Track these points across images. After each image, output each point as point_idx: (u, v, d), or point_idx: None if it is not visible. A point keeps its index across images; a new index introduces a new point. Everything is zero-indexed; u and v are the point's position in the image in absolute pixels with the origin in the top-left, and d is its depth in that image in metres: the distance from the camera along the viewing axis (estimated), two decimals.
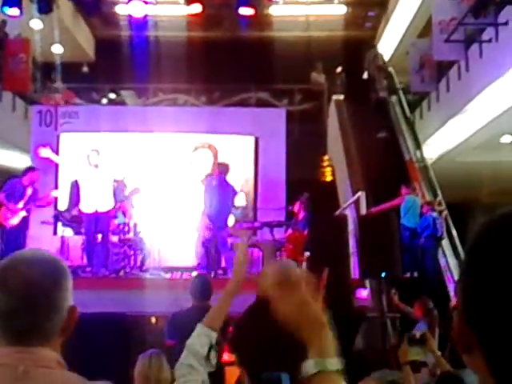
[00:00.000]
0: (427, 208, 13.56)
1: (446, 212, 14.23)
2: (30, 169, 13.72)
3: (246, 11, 12.78)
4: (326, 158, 19.94)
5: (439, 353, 5.81)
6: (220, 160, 15.17)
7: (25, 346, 2.05)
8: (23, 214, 13.13)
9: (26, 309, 2.05)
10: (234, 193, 12.94)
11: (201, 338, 2.92)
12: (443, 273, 13.44)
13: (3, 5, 12.75)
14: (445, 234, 13.74)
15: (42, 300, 2.07)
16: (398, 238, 10.60)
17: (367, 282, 11.42)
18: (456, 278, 12.47)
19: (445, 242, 13.86)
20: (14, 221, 13.06)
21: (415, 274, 13.04)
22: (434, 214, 13.49)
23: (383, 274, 10.29)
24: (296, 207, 13.78)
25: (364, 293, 11.33)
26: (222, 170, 12.97)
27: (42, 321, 2.08)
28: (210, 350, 2.90)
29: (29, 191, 13.22)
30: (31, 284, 2.06)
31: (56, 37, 20.40)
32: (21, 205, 13.01)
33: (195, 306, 7.48)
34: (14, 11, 12.83)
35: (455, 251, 13.80)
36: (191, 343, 2.91)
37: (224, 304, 3.07)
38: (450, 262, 13.59)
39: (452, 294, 12.07)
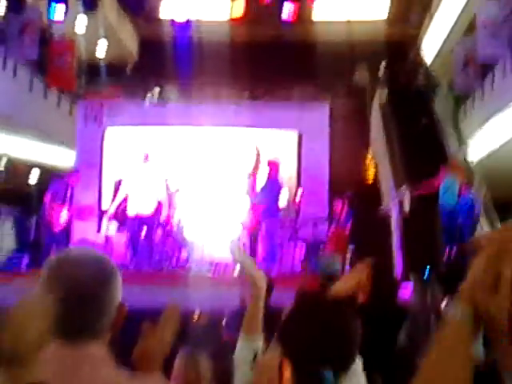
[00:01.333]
0: (466, 188, 13.55)
1: (484, 191, 14.48)
2: (73, 171, 13.99)
3: (289, 7, 12.75)
4: (369, 156, 19.87)
5: None
6: (263, 155, 15.14)
7: (75, 344, 2.08)
8: (65, 215, 13.39)
9: (77, 309, 2.09)
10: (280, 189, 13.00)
11: (243, 351, 3.00)
12: None
13: (50, 1, 12.87)
14: (483, 213, 13.97)
15: (92, 300, 2.11)
16: (441, 236, 10.55)
17: (411, 278, 11.35)
18: None
19: (482, 220, 14.02)
20: (60, 221, 13.30)
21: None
22: (472, 195, 13.60)
23: (427, 271, 10.28)
24: (338, 206, 13.71)
25: (408, 288, 11.27)
26: (273, 168, 13.05)
27: (92, 320, 2.12)
28: (255, 357, 2.95)
29: (69, 194, 13.51)
30: (81, 285, 2.09)
31: (101, 36, 20.61)
32: (66, 207, 13.28)
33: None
34: (60, 7, 12.95)
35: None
36: (236, 357, 3.01)
37: (255, 309, 3.12)
38: None
39: None
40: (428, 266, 10.16)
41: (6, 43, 16.21)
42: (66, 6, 12.70)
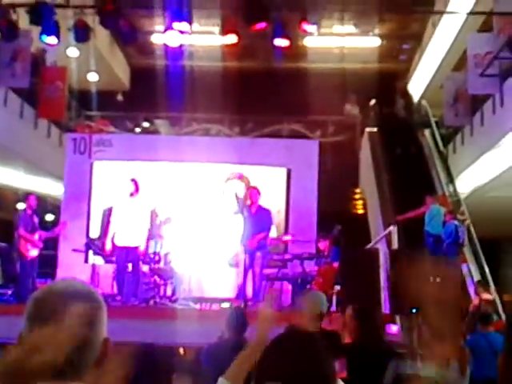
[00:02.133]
0: (450, 216, 14.48)
1: (468, 221, 15.37)
2: (26, 196, 13.96)
3: (281, 42, 12.77)
4: (358, 190, 19.94)
5: None
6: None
7: (57, 381, 1.98)
8: (40, 245, 13.35)
9: None
10: (270, 218, 12.90)
11: None
12: (465, 277, 14.37)
13: (42, 33, 12.88)
14: (466, 241, 14.80)
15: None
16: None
17: (397, 318, 11.31)
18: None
19: (466, 249, 14.93)
20: (34, 252, 13.26)
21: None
22: (457, 222, 14.47)
23: (414, 311, 10.23)
24: (326, 242, 13.69)
25: (394, 328, 11.22)
26: (255, 196, 12.92)
27: (76, 357, 2.03)
28: None
29: (35, 219, 13.44)
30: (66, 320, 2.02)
31: (92, 65, 20.68)
32: (37, 236, 13.22)
33: (231, 338, 7.45)
34: (52, 40, 12.96)
35: (476, 257, 15.02)
36: None
37: (246, 360, 3.07)
38: (471, 267, 14.71)
39: (473, 295, 13.11)
40: (415, 306, 10.10)
41: None
42: (58, 38, 12.68)
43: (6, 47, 15.37)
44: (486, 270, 14.94)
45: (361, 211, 19.80)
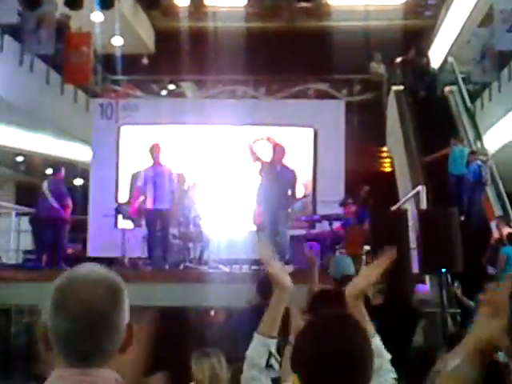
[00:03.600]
0: (473, 157, 15.04)
1: (490, 161, 15.61)
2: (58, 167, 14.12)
3: (305, 3, 12.69)
4: (384, 148, 19.85)
5: None
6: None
7: (85, 368, 2.07)
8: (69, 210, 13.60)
9: (87, 332, 2.06)
10: (294, 177, 12.76)
11: (258, 349, 2.97)
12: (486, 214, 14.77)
13: (65, 1, 12.89)
14: (489, 181, 15.14)
15: (102, 322, 2.08)
16: (460, 233, 10.49)
17: (427, 277, 11.33)
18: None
19: (489, 188, 15.25)
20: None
21: (462, 218, 13.36)
22: (479, 162, 14.89)
23: (444, 270, 10.23)
24: (355, 203, 13.67)
25: (424, 287, 11.26)
26: (280, 153, 12.82)
27: (102, 343, 2.09)
28: (269, 358, 2.94)
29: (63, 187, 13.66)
30: (91, 307, 2.07)
31: (116, 29, 20.61)
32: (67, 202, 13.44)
33: (261, 304, 7.52)
34: (75, 6, 12.97)
35: (499, 196, 15.31)
36: (249, 356, 2.98)
37: (276, 312, 3.11)
38: (493, 205, 15.04)
39: (494, 229, 13.50)
40: (445, 265, 10.11)
41: (22, 38, 16.24)
42: (81, 5, 12.68)
43: (30, 15, 15.37)
44: (509, 207, 15.02)
45: (388, 169, 19.73)
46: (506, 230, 13.04)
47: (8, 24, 15.28)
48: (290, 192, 12.57)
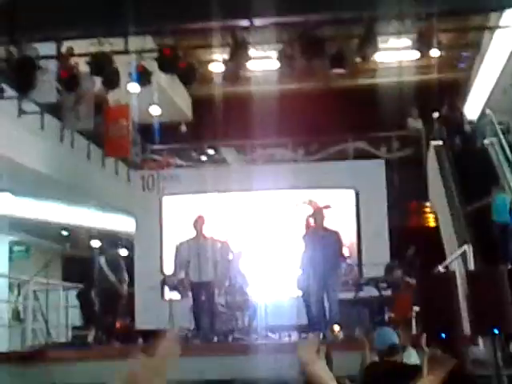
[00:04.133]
0: None
1: None
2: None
3: (338, 70, 12.77)
4: (427, 204, 19.73)
5: None
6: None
7: None
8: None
9: None
10: (339, 238, 12.69)
11: None
12: None
13: (103, 83, 13.13)
14: None
15: None
16: (510, 293, 10.34)
17: (480, 339, 11.13)
18: None
19: None
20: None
21: (510, 266, 13.11)
22: None
23: (495, 331, 10.07)
24: (396, 274, 13.56)
25: (477, 350, 11.06)
26: (320, 216, 12.78)
27: None
28: None
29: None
30: None
31: (153, 98, 20.86)
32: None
33: None
34: (113, 86, 13.19)
35: None
36: None
37: None
38: None
39: None
40: (497, 326, 9.95)
41: (62, 116, 16.54)
42: (118, 85, 12.91)
43: (69, 93, 15.64)
44: None
45: (432, 224, 19.59)
46: None
47: (48, 103, 15.56)
48: (336, 254, 12.51)
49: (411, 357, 8.00)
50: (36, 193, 17.45)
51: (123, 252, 16.28)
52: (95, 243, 19.21)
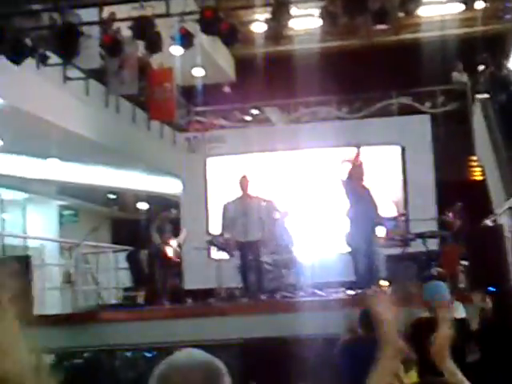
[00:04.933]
0: None
1: None
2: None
3: (381, 26, 12.64)
4: (474, 158, 19.56)
5: None
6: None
7: None
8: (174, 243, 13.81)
9: None
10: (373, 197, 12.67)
11: None
12: None
13: (146, 48, 13.18)
14: None
15: None
16: None
17: None
18: None
19: None
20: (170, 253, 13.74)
21: None
22: None
23: None
24: (451, 216, 13.55)
25: None
26: (360, 173, 12.74)
27: None
28: None
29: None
30: None
31: (196, 60, 20.86)
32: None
33: (365, 337, 7.50)
34: (155, 50, 13.23)
35: None
36: None
37: (385, 370, 3.02)
38: None
39: None
40: None
41: (106, 81, 16.64)
42: (161, 49, 12.94)
43: (112, 58, 15.72)
44: None
45: (479, 178, 19.42)
46: None
47: (92, 69, 15.67)
48: (376, 211, 12.51)
49: (458, 311, 8.01)
50: (83, 158, 17.66)
51: (171, 214, 16.46)
52: (142, 206, 19.45)
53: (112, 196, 21.40)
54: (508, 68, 20.15)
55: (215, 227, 15.75)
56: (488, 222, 13.72)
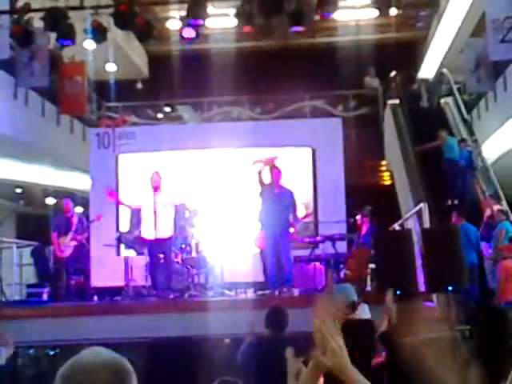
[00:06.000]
0: (463, 144, 16.45)
1: (480, 148, 17.38)
2: (64, 201, 14.26)
3: (297, 28, 12.68)
4: (383, 162, 19.85)
5: None
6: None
7: None
8: (73, 243, 13.60)
9: None
10: (292, 198, 12.70)
11: None
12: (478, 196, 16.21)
13: (57, 38, 12.91)
14: (479, 166, 16.81)
15: None
16: (462, 251, 10.49)
17: (434, 296, 11.27)
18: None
19: (479, 173, 16.79)
20: (67, 253, 13.50)
21: (456, 202, 15.24)
22: (470, 148, 16.50)
23: (450, 288, 10.21)
24: (359, 220, 13.70)
25: (431, 305, 11.19)
26: (277, 175, 12.76)
27: None
28: None
29: (74, 220, 13.67)
30: None
31: (110, 55, 20.61)
32: (68, 238, 13.43)
33: (271, 337, 7.48)
34: (67, 42, 12.96)
35: (489, 180, 16.54)
36: None
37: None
38: (483, 188, 16.54)
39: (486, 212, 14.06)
40: (451, 283, 10.12)
41: (16, 72, 16.26)
42: (73, 41, 12.68)
43: (23, 49, 15.38)
44: (499, 189, 16.02)
45: (388, 182, 19.73)
46: (497, 207, 13.95)
47: (1, 59, 15.28)
48: (290, 213, 12.53)
49: (364, 312, 8.05)
50: None
51: (78, 210, 16.23)
52: (50, 201, 19.08)
53: (19, 190, 20.92)
54: (417, 76, 20.57)
55: (124, 224, 15.58)
56: (396, 226, 13.93)
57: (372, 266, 11.98)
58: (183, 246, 13.47)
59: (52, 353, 11.49)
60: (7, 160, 17.87)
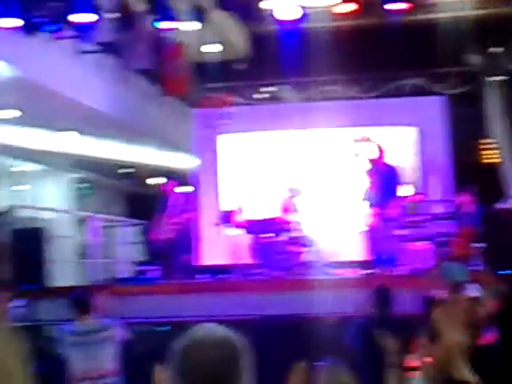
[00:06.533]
0: None
1: None
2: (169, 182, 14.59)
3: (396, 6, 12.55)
4: (488, 140, 19.49)
5: None
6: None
7: None
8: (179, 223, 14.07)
9: None
10: (397, 175, 12.67)
11: None
12: None
13: (157, 21, 13.10)
14: None
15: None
16: None
17: None
18: None
19: None
20: (168, 235, 13.75)
21: None
22: None
23: None
24: (464, 200, 13.55)
25: None
26: (380, 153, 12.75)
27: None
28: None
29: (179, 200, 14.28)
30: (213, 370, 2.09)
31: (210, 37, 20.76)
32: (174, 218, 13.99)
33: (377, 316, 7.53)
34: (168, 25, 13.14)
35: None
36: None
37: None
38: None
39: None
40: None
41: (118, 55, 16.56)
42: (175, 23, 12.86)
43: (125, 32, 15.67)
44: None
45: (492, 161, 19.37)
46: None
47: (105, 42, 15.60)
48: (396, 191, 12.52)
49: (473, 290, 8.01)
50: (98, 132, 17.62)
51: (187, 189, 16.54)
52: (156, 180, 19.44)
53: (127, 170, 21.38)
54: None
55: (228, 204, 15.73)
56: (503, 205, 13.71)
57: (477, 245, 11.84)
58: (288, 225, 13.59)
59: (163, 329, 11.72)
60: (115, 141, 18.29)
